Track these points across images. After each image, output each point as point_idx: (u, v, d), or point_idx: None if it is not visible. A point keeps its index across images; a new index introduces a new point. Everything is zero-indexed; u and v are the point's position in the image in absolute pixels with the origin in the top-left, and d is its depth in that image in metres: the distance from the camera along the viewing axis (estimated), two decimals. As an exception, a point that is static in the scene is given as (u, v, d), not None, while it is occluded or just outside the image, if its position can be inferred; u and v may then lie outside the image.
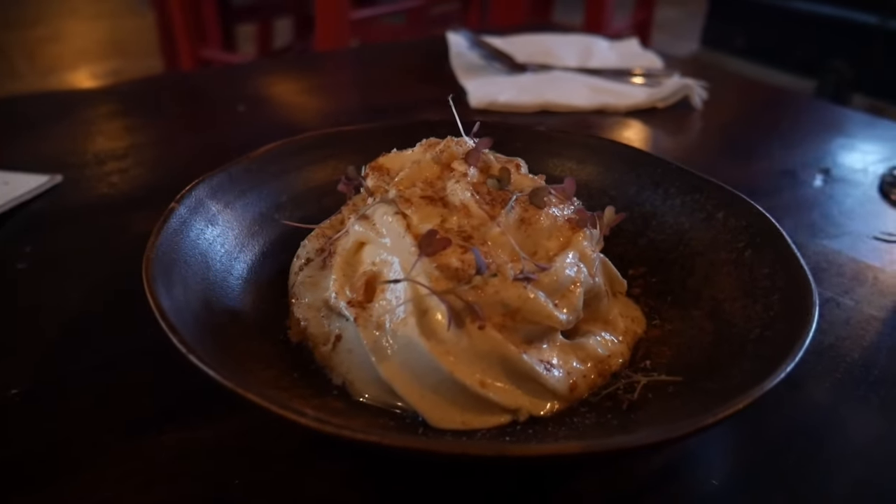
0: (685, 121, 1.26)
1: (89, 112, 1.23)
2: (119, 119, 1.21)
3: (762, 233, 0.66)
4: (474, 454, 0.40)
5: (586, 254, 0.60)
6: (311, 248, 0.66)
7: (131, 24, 4.78)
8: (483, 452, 0.40)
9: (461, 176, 0.60)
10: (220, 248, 0.65)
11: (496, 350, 0.54)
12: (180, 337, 0.48)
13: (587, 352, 0.59)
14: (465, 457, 0.40)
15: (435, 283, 0.54)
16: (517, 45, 1.50)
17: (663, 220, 0.75)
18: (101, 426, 0.58)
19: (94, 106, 1.26)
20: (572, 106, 1.24)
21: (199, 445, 0.56)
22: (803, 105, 1.41)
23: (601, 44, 1.55)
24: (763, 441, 0.59)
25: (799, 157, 1.15)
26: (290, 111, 1.32)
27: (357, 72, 1.58)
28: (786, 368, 0.48)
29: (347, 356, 0.57)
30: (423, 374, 0.54)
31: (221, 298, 0.61)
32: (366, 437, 0.41)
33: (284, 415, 0.42)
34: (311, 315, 0.61)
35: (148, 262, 0.56)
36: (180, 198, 0.65)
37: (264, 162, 0.75)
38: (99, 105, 1.27)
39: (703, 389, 0.54)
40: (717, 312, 0.63)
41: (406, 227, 0.57)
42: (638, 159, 0.80)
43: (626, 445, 0.42)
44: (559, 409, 0.56)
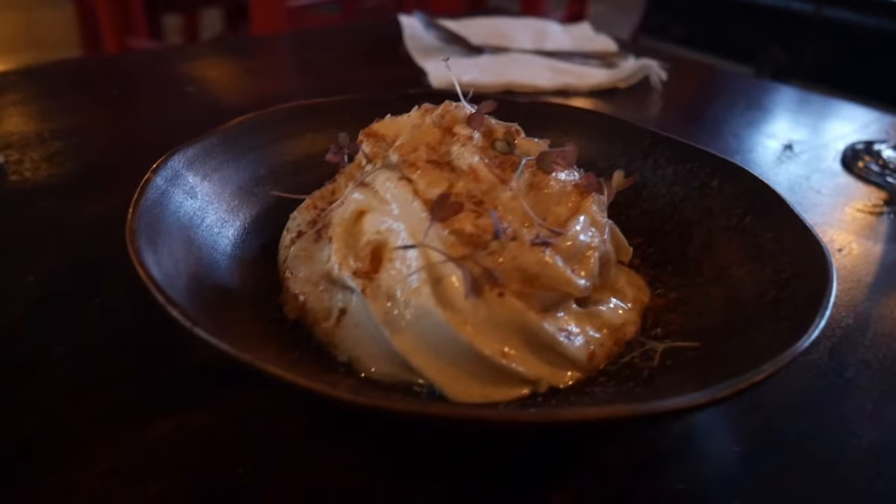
0: (646, 100, 1.26)
1: (21, 92, 1.14)
2: (46, 101, 1.13)
3: (761, 199, 0.65)
4: (527, 420, 0.37)
5: (597, 219, 0.58)
6: (301, 220, 0.62)
7: (47, 16, 4.54)
8: (536, 419, 0.38)
9: (466, 139, 0.57)
10: (202, 223, 0.60)
11: (516, 318, 0.51)
12: (181, 310, 0.44)
13: (602, 320, 0.57)
14: (516, 423, 0.37)
15: (450, 250, 0.50)
16: (471, 29, 1.48)
17: (655, 190, 0.73)
18: (78, 418, 0.52)
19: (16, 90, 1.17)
20: (535, 86, 1.23)
21: (192, 433, 0.51)
22: (758, 86, 1.44)
23: (554, 27, 1.55)
24: (777, 406, 0.58)
25: (761, 134, 1.16)
26: (234, 94, 1.26)
27: (303, 54, 1.52)
28: (818, 325, 0.47)
29: (354, 331, 0.53)
30: (440, 346, 0.50)
31: (209, 275, 0.56)
32: (407, 408, 0.38)
33: (315, 388, 0.38)
34: (309, 289, 0.56)
35: (132, 233, 0.51)
36: (156, 168, 0.60)
37: (239, 134, 0.70)
38: (20, 89, 1.17)
39: (725, 353, 0.52)
40: (723, 278, 0.62)
41: (414, 193, 0.53)
42: (625, 130, 0.78)
43: (678, 406, 0.40)
44: (578, 380, 0.54)
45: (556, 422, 0.37)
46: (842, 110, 1.30)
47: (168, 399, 0.54)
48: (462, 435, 0.51)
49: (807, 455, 0.53)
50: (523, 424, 0.37)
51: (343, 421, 0.52)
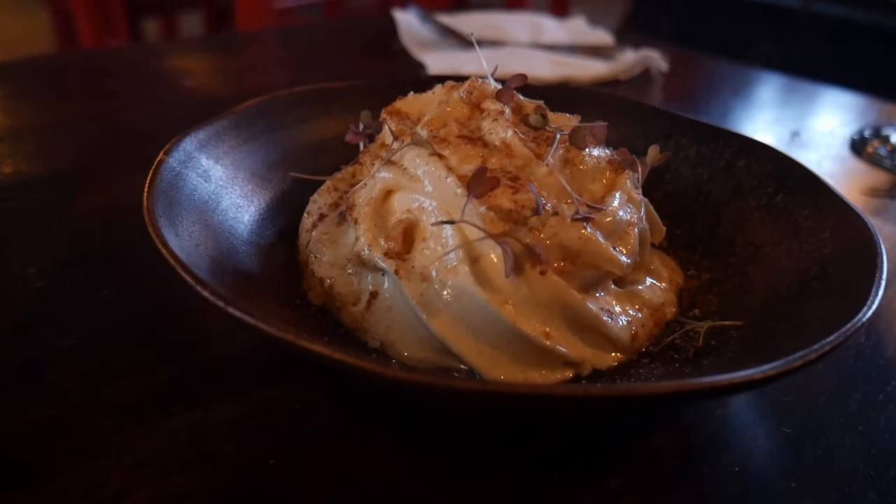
0: (648, 91, 1.25)
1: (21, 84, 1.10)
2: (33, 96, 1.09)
3: (792, 176, 0.64)
4: (597, 395, 0.35)
5: (633, 196, 0.56)
6: (322, 202, 0.59)
7: (20, 23, 4.46)
8: (607, 393, 0.35)
9: (498, 114, 0.55)
10: (217, 207, 0.57)
11: (559, 297, 0.48)
12: (213, 289, 0.41)
13: (642, 300, 0.55)
14: (588, 399, 0.35)
15: (489, 226, 0.48)
16: (466, 23, 1.46)
17: (678, 171, 0.72)
18: (98, 410, 0.49)
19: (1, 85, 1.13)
20: (537, 78, 1.21)
21: (216, 425, 0.48)
22: (758, 77, 1.43)
23: (549, 21, 1.53)
24: (821, 388, 0.56)
25: (766, 123, 1.15)
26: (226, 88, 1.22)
27: (294, 50, 1.49)
28: (877, 294, 0.46)
29: (386, 314, 0.51)
30: (480, 328, 0.48)
31: (230, 259, 0.53)
32: (467, 386, 0.35)
33: (376, 370, 0.35)
34: (336, 273, 0.54)
35: (150, 213, 0.48)
36: (168, 149, 0.57)
37: (251, 117, 0.67)
38: (5, 84, 1.13)
39: (775, 329, 0.50)
40: (758, 258, 0.60)
41: (447, 169, 0.51)
42: (644, 112, 0.76)
43: (749, 378, 0.37)
44: (621, 362, 0.51)
45: (630, 396, 0.35)
46: (838, 98, 1.29)
47: (190, 391, 0.51)
48: (512, 418, 0.48)
49: (858, 434, 0.52)
50: (595, 400, 0.35)
51: (375, 411, 0.50)
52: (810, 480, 0.47)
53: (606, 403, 0.36)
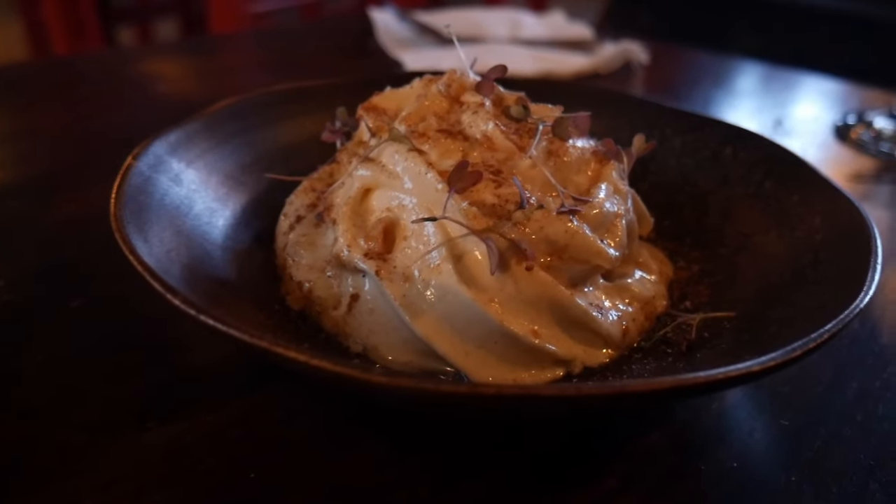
0: (629, 84, 1.24)
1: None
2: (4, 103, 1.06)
3: (781, 163, 0.62)
4: (588, 394, 0.33)
5: (619, 187, 0.54)
6: (299, 204, 0.57)
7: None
8: (599, 392, 0.33)
9: (478, 106, 0.53)
10: (190, 211, 0.55)
11: (546, 294, 0.47)
12: (184, 297, 0.39)
13: (632, 293, 0.53)
14: (580, 399, 0.33)
15: (472, 222, 0.46)
16: (444, 20, 1.44)
17: (664, 162, 0.70)
18: (68, 426, 0.47)
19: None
20: (517, 73, 1.19)
21: (195, 438, 0.46)
22: (738, 67, 1.42)
23: (528, 17, 1.52)
24: (817, 378, 0.54)
25: (749, 113, 1.15)
26: (201, 91, 1.20)
27: (269, 52, 1.47)
28: (873, 279, 0.44)
29: (368, 317, 0.49)
30: (466, 328, 0.46)
31: (204, 266, 0.51)
32: (455, 390, 0.33)
33: (357, 376, 0.34)
34: (315, 276, 0.52)
35: (117, 220, 0.46)
36: (137, 153, 0.54)
37: (223, 119, 0.65)
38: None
39: (770, 318, 0.49)
40: (748, 247, 0.59)
41: (427, 164, 0.49)
42: (628, 103, 0.75)
43: (748, 370, 0.36)
44: (613, 358, 0.50)
45: (623, 394, 0.33)
46: (819, 85, 1.29)
47: (166, 403, 0.49)
48: (502, 420, 0.46)
49: (857, 424, 0.50)
50: (587, 399, 0.33)
51: (361, 416, 0.48)
52: (810, 473, 0.46)
53: (599, 402, 0.34)
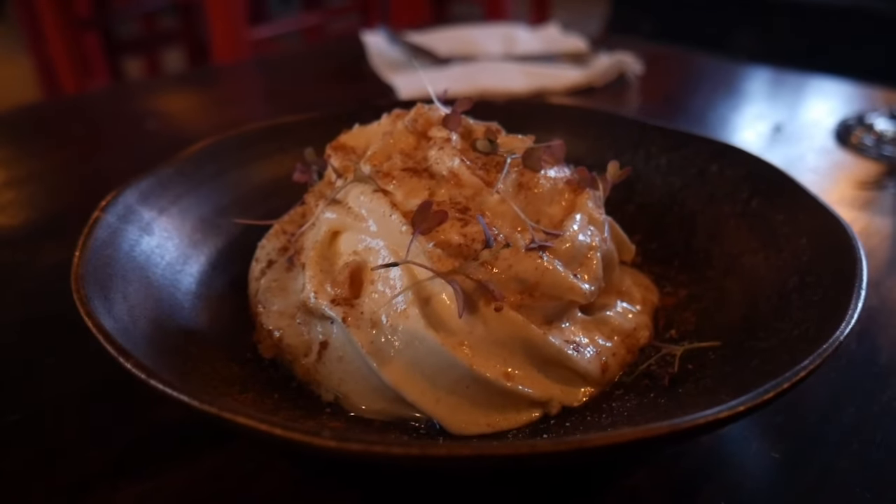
0: (625, 96, 1.22)
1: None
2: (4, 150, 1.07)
3: (766, 179, 0.61)
4: (546, 451, 0.32)
5: (594, 217, 0.53)
6: (271, 248, 0.56)
7: (7, 71, 4.46)
8: (556, 448, 0.32)
9: (444, 142, 0.52)
10: (161, 260, 0.54)
11: (518, 334, 0.45)
12: (135, 360, 0.38)
13: (612, 326, 0.51)
14: (535, 457, 0.32)
15: (437, 264, 0.45)
16: (437, 40, 1.43)
17: (650, 182, 0.69)
18: (37, 488, 0.46)
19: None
20: (509, 91, 1.18)
21: (164, 499, 0.45)
22: (737, 70, 1.40)
23: (522, 31, 1.51)
24: (812, 404, 0.52)
25: (748, 118, 1.12)
26: (199, 124, 1.20)
27: (268, 80, 1.47)
28: (855, 306, 0.42)
29: (338, 365, 0.48)
30: (435, 374, 0.45)
31: (172, 317, 0.50)
32: (406, 452, 0.32)
33: (304, 440, 0.32)
34: (285, 323, 0.51)
35: (78, 279, 0.45)
36: (105, 205, 0.54)
37: (198, 162, 0.65)
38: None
39: (753, 349, 0.47)
40: (736, 269, 0.57)
41: (391, 205, 0.48)
42: (610, 122, 0.73)
43: (718, 416, 0.34)
44: (593, 396, 0.48)
45: (580, 450, 0.32)
46: (823, 86, 1.26)
47: (137, 461, 0.48)
48: (472, 472, 0.45)
49: (853, 454, 0.48)
50: (539, 457, 0.32)
51: (330, 468, 0.47)
52: (804, 510, 0.44)
53: (555, 458, 0.33)
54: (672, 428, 0.33)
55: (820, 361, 0.38)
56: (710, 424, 0.34)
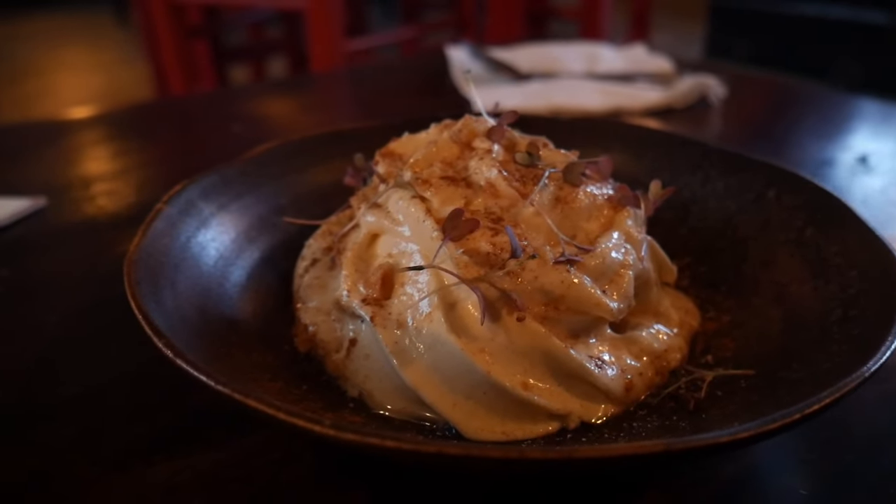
0: (705, 119, 1.20)
1: (78, 139, 1.17)
2: (108, 144, 1.15)
3: (824, 208, 0.58)
4: (532, 458, 0.32)
5: (632, 235, 0.52)
6: (316, 247, 0.58)
7: (126, 74, 4.77)
8: (544, 456, 0.32)
9: (485, 153, 0.53)
10: (215, 252, 0.58)
11: (539, 345, 0.46)
12: (166, 340, 0.41)
13: (641, 346, 0.51)
14: (520, 462, 0.32)
15: (463, 271, 0.46)
16: (520, 56, 1.45)
17: (705, 205, 0.67)
18: (84, 458, 0.49)
19: (83, 132, 1.20)
20: (584, 109, 1.18)
21: (193, 477, 0.47)
22: (827, 98, 1.34)
23: (607, 50, 1.50)
24: (854, 441, 0.50)
25: (833, 148, 1.08)
26: (286, 129, 1.25)
27: (353, 90, 1.52)
28: (890, 344, 0.41)
29: (364, 363, 0.49)
30: (454, 378, 0.46)
31: (218, 306, 0.53)
32: (381, 443, 0.33)
33: (295, 422, 0.34)
34: (321, 319, 0.53)
35: (130, 263, 0.48)
36: (168, 198, 0.58)
37: (261, 163, 0.68)
38: (88, 131, 1.21)
39: (784, 380, 0.46)
40: (783, 298, 0.55)
41: (426, 211, 0.49)
42: (671, 143, 0.72)
43: (716, 441, 0.34)
44: (614, 414, 0.48)
45: (567, 460, 0.32)
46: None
47: (175, 440, 0.50)
48: (480, 476, 0.45)
49: (889, 497, 0.46)
50: (523, 464, 0.32)
51: (355, 463, 0.48)
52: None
53: (538, 466, 0.33)
54: (664, 447, 0.32)
55: (831, 399, 0.37)
56: (700, 449, 0.33)
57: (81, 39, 5.95)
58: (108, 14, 6.41)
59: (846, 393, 0.37)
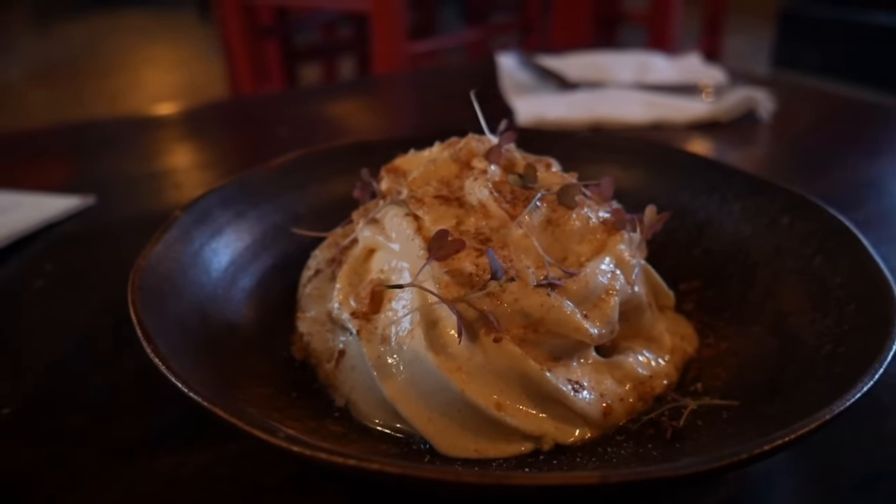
0: (752, 134, 1.17)
1: (143, 137, 1.23)
2: (165, 144, 1.21)
3: (834, 237, 0.57)
4: (457, 481, 0.33)
5: (623, 259, 0.52)
6: (321, 258, 0.61)
7: (204, 70, 4.95)
8: (474, 480, 0.33)
9: (480, 173, 0.54)
10: (227, 259, 0.61)
11: (515, 366, 0.46)
12: (154, 345, 0.43)
13: (625, 371, 0.51)
14: (449, 484, 0.33)
15: (444, 290, 0.47)
16: (570, 64, 1.44)
17: (720, 227, 0.66)
18: (93, 448, 0.53)
19: (149, 131, 1.26)
20: (626, 121, 1.17)
21: (190, 472, 0.50)
22: (887, 115, 1.29)
23: (659, 60, 1.48)
24: (846, 480, 0.49)
25: (884, 168, 1.04)
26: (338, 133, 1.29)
27: (410, 94, 1.55)
28: (861, 389, 0.40)
29: (351, 374, 0.51)
30: (430, 394, 0.47)
31: (221, 311, 0.56)
32: (329, 458, 0.35)
33: (250, 430, 0.36)
34: (316, 329, 0.55)
35: (138, 270, 0.51)
36: (186, 206, 0.61)
37: (282, 172, 0.71)
38: (153, 131, 1.27)
39: (762, 414, 0.45)
40: (782, 328, 0.54)
41: (416, 230, 0.51)
42: (690, 163, 0.72)
43: (645, 476, 0.34)
44: (591, 438, 0.48)
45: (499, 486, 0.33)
46: None
47: (176, 435, 0.53)
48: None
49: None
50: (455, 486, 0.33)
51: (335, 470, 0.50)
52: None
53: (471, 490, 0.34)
54: (597, 480, 0.33)
55: (782, 441, 0.36)
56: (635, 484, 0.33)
57: (166, 36, 6.20)
58: (192, 12, 6.65)
59: (797, 438, 0.36)
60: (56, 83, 4.86)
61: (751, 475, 0.49)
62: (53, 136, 1.28)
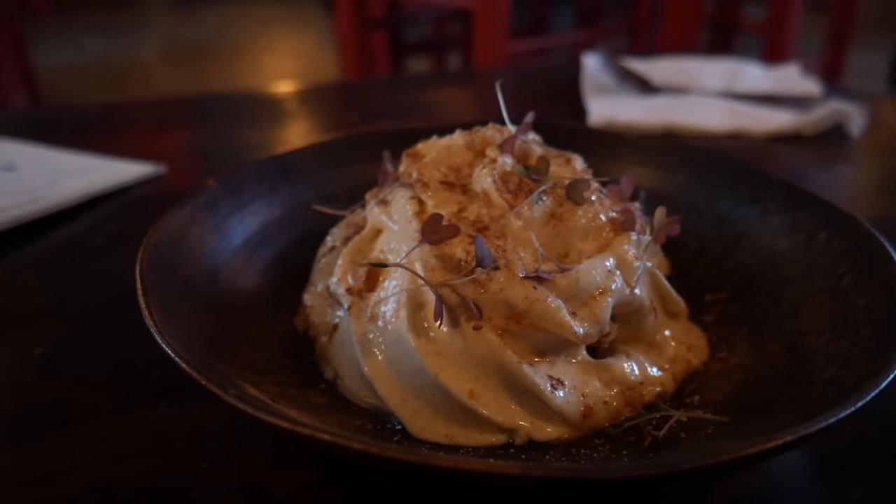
0: (838, 150, 1.10)
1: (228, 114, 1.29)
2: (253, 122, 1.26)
3: (868, 257, 0.53)
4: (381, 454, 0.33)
5: (626, 260, 0.51)
6: (338, 235, 0.62)
7: (322, 60, 5.12)
8: (396, 456, 0.33)
9: (489, 162, 0.53)
10: (251, 228, 0.63)
11: (493, 356, 0.46)
12: (147, 301, 0.46)
13: (613, 374, 0.49)
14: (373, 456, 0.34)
15: (430, 273, 0.47)
16: (657, 68, 1.40)
17: (757, 240, 0.63)
18: (104, 393, 0.56)
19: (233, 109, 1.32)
20: (702, 129, 1.12)
21: (182, 425, 0.53)
22: None
23: (754, 69, 1.41)
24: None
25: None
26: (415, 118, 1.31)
27: (488, 89, 1.55)
28: (840, 413, 0.37)
29: (340, 349, 0.52)
30: (407, 376, 0.47)
31: (234, 277, 0.58)
32: (276, 422, 0.36)
33: (213, 390, 0.38)
34: (318, 303, 0.56)
35: (156, 230, 0.54)
36: (220, 177, 0.64)
37: (322, 152, 0.73)
38: (244, 108, 1.33)
39: (744, 432, 0.43)
40: (796, 348, 0.51)
41: (416, 212, 0.51)
42: (736, 171, 0.68)
43: (567, 475, 0.33)
44: (568, 438, 0.47)
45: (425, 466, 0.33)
46: None
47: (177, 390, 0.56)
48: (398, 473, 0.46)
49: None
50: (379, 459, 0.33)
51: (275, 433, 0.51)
52: None
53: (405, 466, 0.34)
54: (519, 471, 0.32)
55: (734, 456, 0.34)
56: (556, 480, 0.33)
57: (288, 24, 6.45)
58: (316, 3, 6.89)
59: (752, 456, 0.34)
60: (183, 63, 5.16)
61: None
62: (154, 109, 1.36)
